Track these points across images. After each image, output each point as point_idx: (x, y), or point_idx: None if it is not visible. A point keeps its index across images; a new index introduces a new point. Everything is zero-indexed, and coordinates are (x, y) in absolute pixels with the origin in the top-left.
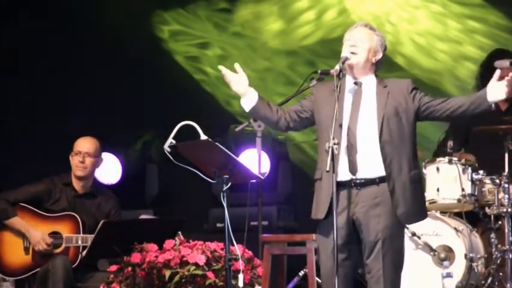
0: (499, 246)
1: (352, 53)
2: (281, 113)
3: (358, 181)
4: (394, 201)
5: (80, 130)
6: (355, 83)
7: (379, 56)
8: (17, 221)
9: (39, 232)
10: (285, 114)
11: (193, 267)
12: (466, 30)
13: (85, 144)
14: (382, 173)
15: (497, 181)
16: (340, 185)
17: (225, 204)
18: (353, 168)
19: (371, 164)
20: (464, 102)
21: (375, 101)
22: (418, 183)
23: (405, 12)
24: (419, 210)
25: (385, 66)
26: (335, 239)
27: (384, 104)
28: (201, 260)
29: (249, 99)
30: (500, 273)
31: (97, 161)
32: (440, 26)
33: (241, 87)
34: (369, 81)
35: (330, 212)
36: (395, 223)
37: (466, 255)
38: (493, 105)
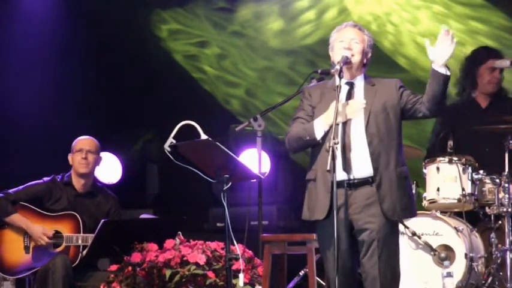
0: (499, 245)
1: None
2: None
3: (351, 181)
4: (380, 196)
5: (80, 130)
6: (347, 83)
7: (369, 56)
8: (16, 218)
9: (39, 226)
10: None
11: (194, 267)
12: (468, 31)
13: (86, 142)
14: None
15: (498, 181)
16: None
17: (225, 204)
18: (347, 168)
19: (364, 163)
20: (426, 90)
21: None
22: (406, 180)
23: (406, 13)
24: (406, 206)
25: (387, 67)
26: (335, 238)
27: (371, 101)
28: (202, 259)
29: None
30: (500, 273)
31: (97, 159)
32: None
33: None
34: (359, 81)
35: (329, 212)
36: (389, 223)
37: (466, 255)
38: (444, 71)
